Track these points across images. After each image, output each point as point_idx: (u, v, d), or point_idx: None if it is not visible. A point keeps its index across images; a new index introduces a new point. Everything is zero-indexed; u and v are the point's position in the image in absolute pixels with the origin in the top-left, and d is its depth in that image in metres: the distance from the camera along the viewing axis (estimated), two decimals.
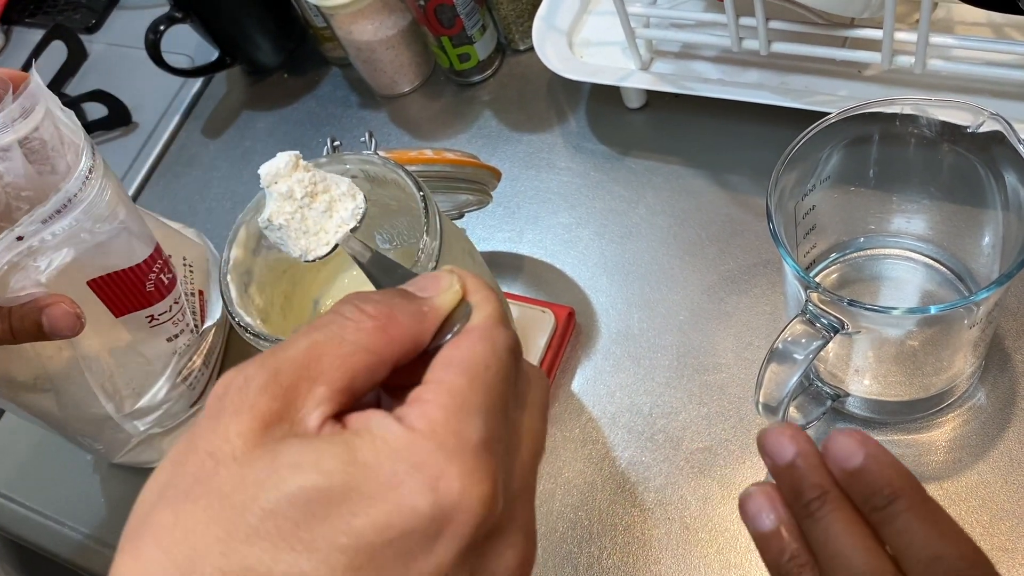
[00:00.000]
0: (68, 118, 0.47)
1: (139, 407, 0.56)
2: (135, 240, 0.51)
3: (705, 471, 0.50)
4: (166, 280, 0.54)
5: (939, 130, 0.41)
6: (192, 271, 0.61)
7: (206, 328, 0.60)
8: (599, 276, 0.59)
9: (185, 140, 0.81)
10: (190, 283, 0.60)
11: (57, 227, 0.46)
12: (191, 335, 0.58)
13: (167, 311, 0.55)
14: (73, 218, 0.46)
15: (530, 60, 0.73)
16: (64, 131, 0.47)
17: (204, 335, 0.60)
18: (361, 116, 0.76)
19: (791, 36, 0.55)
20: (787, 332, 0.40)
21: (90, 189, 0.47)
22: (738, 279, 0.56)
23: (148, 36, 0.73)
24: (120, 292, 0.52)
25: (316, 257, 0.40)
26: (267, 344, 0.41)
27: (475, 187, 0.56)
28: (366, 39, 0.70)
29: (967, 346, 0.44)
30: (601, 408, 0.54)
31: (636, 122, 0.66)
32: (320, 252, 0.39)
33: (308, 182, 0.39)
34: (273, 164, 0.38)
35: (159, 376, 0.56)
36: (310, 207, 0.39)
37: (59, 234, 0.46)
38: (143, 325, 0.54)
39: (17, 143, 0.44)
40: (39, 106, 0.45)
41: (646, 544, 0.49)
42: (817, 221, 0.47)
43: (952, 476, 0.46)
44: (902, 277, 0.50)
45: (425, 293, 0.25)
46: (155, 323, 0.54)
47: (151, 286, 0.53)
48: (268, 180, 0.38)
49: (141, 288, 0.52)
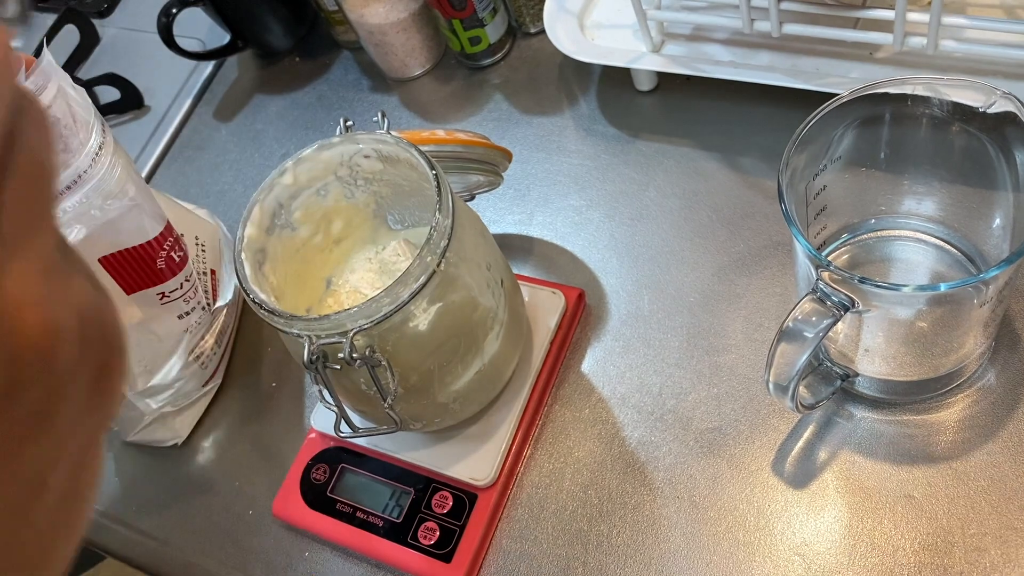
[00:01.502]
0: (79, 95, 0.47)
1: (152, 385, 0.57)
2: (145, 217, 0.51)
3: (714, 451, 0.50)
4: (176, 258, 0.54)
5: (950, 110, 0.41)
6: (204, 250, 0.61)
7: (218, 307, 0.61)
8: (609, 258, 0.60)
9: (197, 123, 0.81)
10: (202, 262, 0.60)
11: (67, 204, 0.46)
12: (202, 313, 0.58)
13: (178, 288, 0.55)
14: (83, 195, 0.47)
15: (541, 43, 0.73)
16: (76, 109, 0.47)
17: (216, 314, 0.60)
18: (372, 99, 0.76)
19: (803, 17, 0.55)
20: (797, 310, 0.40)
21: (100, 166, 0.47)
22: (748, 261, 0.56)
23: (160, 20, 0.73)
24: (131, 269, 0.52)
25: None
26: (280, 320, 0.41)
27: (486, 168, 0.56)
28: (377, 22, 0.70)
29: (977, 326, 0.44)
30: (611, 388, 0.54)
31: (647, 104, 0.66)
32: None
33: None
34: None
35: (171, 354, 0.57)
36: None
37: (69, 211, 0.46)
38: (154, 302, 0.54)
39: None
40: (51, 84, 0.45)
41: (655, 523, 0.49)
42: (828, 202, 0.47)
43: (962, 456, 0.47)
44: (912, 258, 0.50)
45: None
46: (166, 300, 0.55)
47: (162, 263, 0.53)
48: None
49: (152, 265, 0.53)
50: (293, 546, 0.55)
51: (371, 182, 0.50)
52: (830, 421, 0.49)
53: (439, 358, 0.45)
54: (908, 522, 0.46)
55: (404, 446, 0.54)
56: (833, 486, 0.48)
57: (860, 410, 0.49)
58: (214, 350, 0.60)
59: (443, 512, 0.52)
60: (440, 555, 0.51)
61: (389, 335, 0.42)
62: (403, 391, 0.45)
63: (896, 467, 0.47)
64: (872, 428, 0.49)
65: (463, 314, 0.45)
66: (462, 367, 0.47)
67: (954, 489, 0.46)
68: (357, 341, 0.41)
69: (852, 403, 0.50)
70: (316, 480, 0.55)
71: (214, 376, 0.62)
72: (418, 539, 0.51)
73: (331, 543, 0.54)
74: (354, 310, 0.40)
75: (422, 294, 0.41)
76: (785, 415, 0.50)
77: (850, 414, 0.49)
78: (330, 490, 0.55)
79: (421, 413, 0.48)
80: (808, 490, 0.48)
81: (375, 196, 0.51)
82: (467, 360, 0.47)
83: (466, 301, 0.45)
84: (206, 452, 0.61)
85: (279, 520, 0.56)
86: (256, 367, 0.64)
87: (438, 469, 0.52)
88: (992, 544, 0.44)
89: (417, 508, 0.52)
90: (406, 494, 0.53)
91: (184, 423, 0.61)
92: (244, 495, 0.58)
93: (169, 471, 0.61)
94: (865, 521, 0.46)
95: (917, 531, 0.45)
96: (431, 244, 0.41)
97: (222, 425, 0.62)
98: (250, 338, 0.65)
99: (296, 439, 0.58)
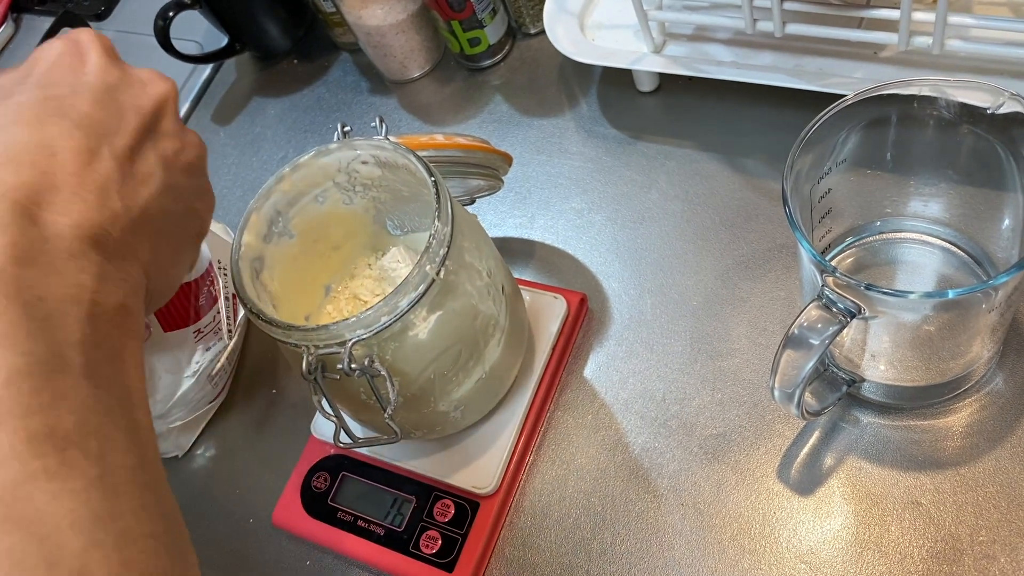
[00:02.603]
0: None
1: (168, 408, 0.56)
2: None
3: (719, 457, 0.50)
4: (213, 293, 0.54)
5: (958, 112, 0.41)
6: (226, 273, 0.60)
7: (237, 330, 0.60)
8: (611, 261, 0.59)
9: (195, 127, 0.80)
10: (224, 287, 0.59)
11: None
12: (225, 339, 0.58)
13: (211, 322, 0.55)
14: None
15: (541, 44, 0.72)
16: None
17: (232, 335, 0.60)
18: (371, 102, 0.75)
19: (806, 17, 0.54)
20: (803, 317, 0.39)
21: None
22: (752, 264, 0.56)
23: (157, 23, 0.73)
24: (171, 307, 0.52)
25: None
26: (278, 330, 0.41)
27: (486, 172, 0.55)
28: (376, 24, 0.69)
29: (985, 331, 0.43)
30: (614, 394, 0.54)
31: (648, 106, 0.65)
32: None
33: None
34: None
35: (190, 379, 0.56)
36: None
37: None
38: (188, 340, 0.54)
39: None
40: None
41: (660, 530, 0.49)
42: (833, 205, 0.46)
43: (969, 462, 0.46)
44: (919, 261, 0.49)
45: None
46: (199, 336, 0.55)
47: (203, 300, 0.53)
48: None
49: (193, 303, 0.52)
50: (294, 555, 0.55)
51: (370, 188, 0.49)
52: (836, 427, 0.49)
53: (439, 367, 0.44)
54: (916, 529, 0.45)
55: (405, 454, 0.53)
56: (839, 493, 0.47)
57: (866, 416, 0.49)
58: (225, 367, 0.60)
59: (445, 520, 0.51)
60: (442, 564, 0.50)
61: (388, 344, 0.41)
62: (403, 400, 0.44)
63: (903, 473, 0.47)
64: (879, 434, 0.48)
65: (463, 322, 0.44)
66: (463, 375, 0.46)
67: (962, 495, 0.45)
68: (356, 351, 0.40)
69: (858, 408, 0.49)
70: (317, 488, 0.55)
71: (222, 392, 0.61)
72: (420, 548, 0.51)
73: (332, 552, 0.54)
74: (352, 320, 0.39)
75: (421, 303, 0.41)
76: (790, 420, 0.50)
77: (856, 420, 0.49)
78: (331, 499, 0.54)
79: (422, 422, 0.48)
80: (814, 497, 0.47)
81: (374, 202, 0.51)
82: (468, 368, 0.46)
83: (466, 309, 0.44)
84: (206, 461, 0.61)
85: (280, 529, 0.55)
86: (257, 375, 0.63)
87: (440, 477, 0.52)
88: (1001, 551, 0.43)
89: (419, 517, 0.52)
90: (407, 502, 0.52)
91: (187, 436, 0.60)
92: (244, 504, 0.58)
93: (169, 480, 0.60)
94: (872, 528, 0.46)
95: (925, 538, 0.45)
96: (430, 252, 0.41)
97: (222, 433, 0.61)
98: (252, 346, 0.64)
99: (297, 447, 0.57)
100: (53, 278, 0.29)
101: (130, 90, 0.38)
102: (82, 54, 0.37)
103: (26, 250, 0.28)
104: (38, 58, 0.37)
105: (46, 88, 0.34)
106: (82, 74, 0.36)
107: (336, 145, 0.46)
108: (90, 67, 0.37)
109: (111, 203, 0.33)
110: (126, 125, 0.36)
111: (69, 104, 0.34)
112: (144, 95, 0.38)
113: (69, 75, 0.36)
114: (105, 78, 0.37)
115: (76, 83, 0.35)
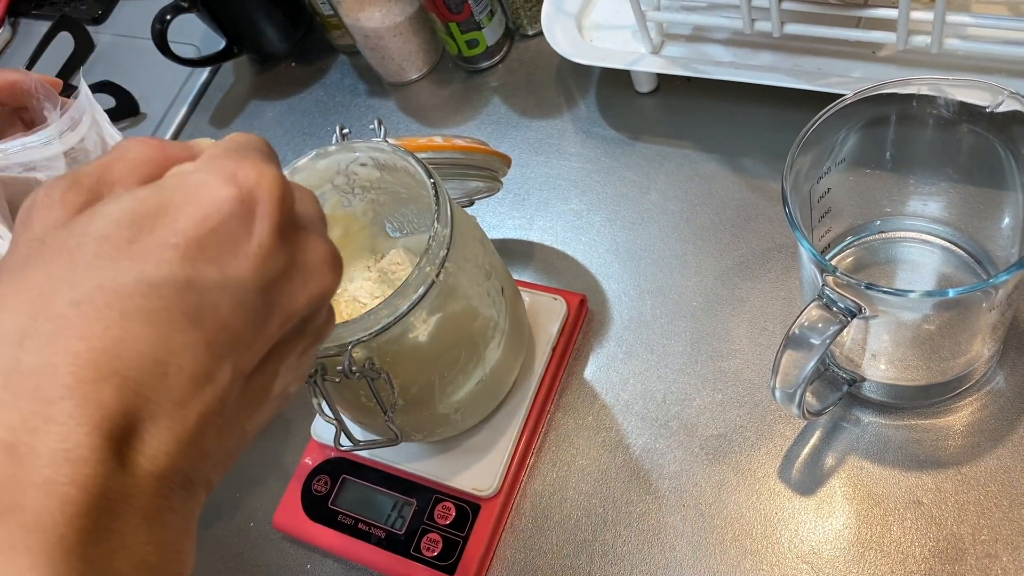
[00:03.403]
0: (114, 129, 0.47)
1: None
2: None
3: (720, 458, 0.50)
4: None
5: (957, 111, 0.41)
6: None
7: None
8: (611, 262, 0.59)
9: (193, 130, 0.81)
10: None
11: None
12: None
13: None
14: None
15: (539, 45, 0.72)
16: (109, 141, 0.47)
17: None
18: (369, 104, 0.75)
19: (804, 17, 0.54)
20: (803, 317, 0.39)
21: None
22: (752, 264, 0.56)
23: (155, 26, 0.73)
24: None
25: None
26: None
27: (485, 174, 0.55)
28: (373, 26, 0.69)
29: (985, 330, 0.43)
30: (614, 395, 0.54)
31: (647, 106, 0.65)
32: None
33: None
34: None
35: None
36: None
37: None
38: None
39: (62, 154, 0.44)
40: (86, 116, 0.45)
41: (661, 531, 0.49)
42: (832, 204, 0.46)
43: (970, 461, 0.46)
44: (919, 260, 0.49)
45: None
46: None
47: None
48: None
49: None
50: (295, 559, 0.55)
51: (368, 190, 0.49)
52: (837, 426, 0.49)
53: (439, 369, 0.44)
54: (918, 528, 0.45)
55: (406, 457, 0.53)
56: (841, 492, 0.47)
57: (867, 415, 0.49)
58: None
59: (446, 523, 0.51)
60: (443, 567, 0.50)
61: (388, 347, 0.41)
62: (403, 403, 0.44)
63: (904, 472, 0.47)
64: (880, 433, 0.48)
65: (463, 324, 0.44)
66: (463, 377, 0.46)
67: (964, 494, 0.45)
68: (356, 354, 0.40)
69: (859, 408, 0.49)
70: (317, 492, 0.54)
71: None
72: (421, 551, 0.51)
73: (333, 555, 0.54)
74: (352, 323, 0.39)
75: (421, 305, 0.41)
76: (791, 421, 0.50)
77: (857, 419, 0.49)
78: (331, 502, 0.54)
79: (422, 424, 0.48)
80: (815, 497, 0.47)
81: (373, 204, 0.51)
82: (468, 370, 0.46)
83: (466, 311, 0.44)
84: None
85: (280, 532, 0.55)
86: None
87: (440, 480, 0.52)
88: (1004, 550, 0.43)
89: (420, 519, 0.52)
90: (408, 505, 0.52)
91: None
92: (245, 507, 0.58)
93: None
94: (874, 528, 0.46)
95: (927, 537, 0.45)
96: (429, 254, 0.41)
97: None
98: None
99: (297, 450, 0.57)
100: (119, 554, 0.23)
101: (288, 286, 0.28)
102: (251, 219, 0.26)
103: (100, 510, 0.23)
104: (198, 194, 0.26)
105: (196, 265, 0.25)
106: (242, 255, 0.26)
107: (335, 147, 0.46)
108: (254, 246, 0.26)
109: (204, 443, 0.26)
110: (264, 337, 0.27)
111: (211, 305, 0.25)
112: (302, 293, 0.28)
113: (227, 251, 0.26)
114: (265, 270, 0.27)
115: (228, 271, 0.26)
